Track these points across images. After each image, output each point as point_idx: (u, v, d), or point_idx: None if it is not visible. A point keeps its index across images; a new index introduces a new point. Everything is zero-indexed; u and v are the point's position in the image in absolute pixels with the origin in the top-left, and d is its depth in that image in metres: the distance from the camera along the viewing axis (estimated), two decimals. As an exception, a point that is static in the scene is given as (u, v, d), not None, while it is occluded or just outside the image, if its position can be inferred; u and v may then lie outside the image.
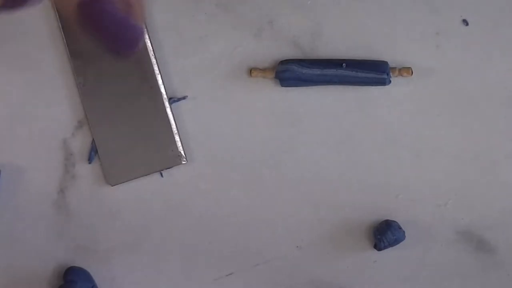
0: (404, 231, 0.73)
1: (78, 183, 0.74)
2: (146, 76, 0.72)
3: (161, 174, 0.74)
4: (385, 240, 0.72)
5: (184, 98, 0.73)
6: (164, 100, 0.72)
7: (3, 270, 0.74)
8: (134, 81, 0.72)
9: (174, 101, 0.73)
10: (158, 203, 0.74)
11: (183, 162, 0.73)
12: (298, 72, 0.71)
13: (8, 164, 0.73)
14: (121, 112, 0.72)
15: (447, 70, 0.73)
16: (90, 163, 0.73)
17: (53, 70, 0.73)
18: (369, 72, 0.71)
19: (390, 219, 0.73)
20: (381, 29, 0.72)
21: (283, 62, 0.72)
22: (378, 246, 0.72)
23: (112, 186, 0.73)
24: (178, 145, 0.73)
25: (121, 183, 0.73)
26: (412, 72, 0.71)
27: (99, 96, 0.72)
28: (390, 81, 0.71)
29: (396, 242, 0.72)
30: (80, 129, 0.73)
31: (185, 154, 0.73)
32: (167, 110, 0.72)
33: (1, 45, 0.73)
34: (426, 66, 0.73)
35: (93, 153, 0.73)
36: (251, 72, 0.72)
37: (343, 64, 0.71)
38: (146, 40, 0.72)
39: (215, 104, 0.73)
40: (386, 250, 0.73)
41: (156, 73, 0.72)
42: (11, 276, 0.74)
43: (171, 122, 0.72)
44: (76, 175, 0.74)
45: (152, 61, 0.72)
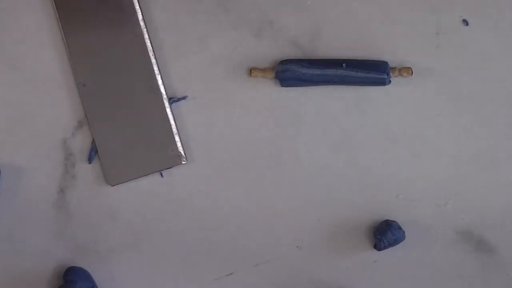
0: (404, 231, 0.73)
1: (78, 183, 0.74)
2: (146, 76, 0.72)
3: (161, 174, 0.74)
4: (385, 240, 0.72)
5: (184, 98, 0.73)
6: (164, 100, 0.72)
7: (3, 270, 0.74)
8: (134, 81, 0.72)
9: (174, 101, 0.73)
10: (158, 203, 0.74)
11: (183, 162, 0.73)
12: (298, 72, 0.71)
13: (8, 164, 0.73)
14: (121, 112, 0.72)
15: (447, 70, 0.73)
16: (90, 163, 0.73)
17: (53, 70, 0.73)
18: (369, 72, 0.71)
19: (390, 219, 0.73)
20: (381, 29, 0.72)
21: (283, 62, 0.72)
22: (378, 246, 0.72)
23: (112, 186, 0.73)
24: (178, 145, 0.73)
25: (121, 183, 0.73)
26: (412, 72, 0.71)
27: (99, 96, 0.72)
28: (390, 81, 0.71)
29: (396, 242, 0.72)
30: (80, 129, 0.73)
31: (185, 154, 0.73)
32: (167, 110, 0.72)
33: (1, 45, 0.73)
34: (426, 66, 0.73)
35: (93, 153, 0.73)
36: (251, 72, 0.72)
37: (343, 64, 0.71)
38: (146, 40, 0.72)
39: (215, 104, 0.73)
40: (386, 250, 0.73)
41: (156, 73, 0.72)
42: (11, 276, 0.74)
43: (171, 122, 0.72)
44: (76, 175, 0.74)
45: (152, 61, 0.72)
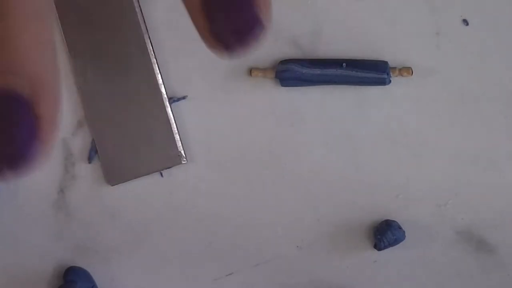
0: (404, 231, 0.73)
1: (78, 183, 0.74)
2: (146, 76, 0.72)
3: (161, 174, 0.74)
4: (385, 240, 0.72)
5: (184, 98, 0.73)
6: (164, 100, 0.72)
7: (3, 270, 0.74)
8: (134, 81, 0.72)
9: (174, 101, 0.73)
10: (158, 203, 0.74)
11: (183, 162, 0.73)
12: (298, 72, 0.71)
13: (8, 164, 0.73)
14: (121, 112, 0.72)
15: (447, 70, 0.73)
16: (90, 163, 0.73)
17: (53, 70, 0.73)
18: (369, 72, 0.71)
19: (390, 219, 0.73)
20: (381, 29, 0.72)
21: (283, 62, 0.72)
22: (378, 246, 0.72)
23: (112, 186, 0.73)
24: (178, 145, 0.73)
25: (121, 183, 0.73)
26: (412, 72, 0.71)
27: (99, 96, 0.72)
28: (390, 81, 0.71)
29: (396, 242, 0.72)
30: (80, 129, 0.73)
31: (185, 154, 0.73)
32: (167, 110, 0.72)
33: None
34: (426, 66, 0.73)
35: (93, 153, 0.73)
36: (251, 72, 0.72)
37: (343, 64, 0.71)
38: (146, 40, 0.72)
39: (215, 104, 0.73)
40: (386, 250, 0.73)
41: (156, 73, 0.72)
42: (11, 276, 0.74)
43: (171, 122, 0.72)
44: (76, 175, 0.74)
45: (152, 61, 0.72)
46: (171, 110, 0.73)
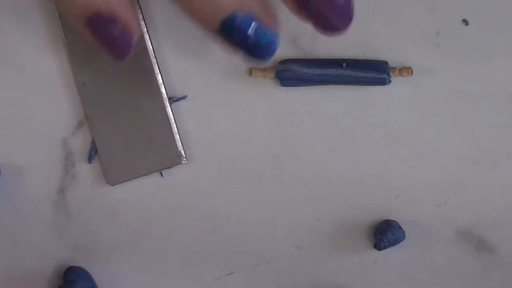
0: (404, 231, 0.73)
1: (78, 183, 0.74)
2: (146, 76, 0.72)
3: (161, 174, 0.74)
4: (385, 240, 0.72)
5: (184, 98, 0.73)
6: (164, 100, 0.72)
7: (3, 270, 0.74)
8: (134, 81, 0.72)
9: (174, 101, 0.73)
10: (158, 203, 0.74)
11: (183, 162, 0.73)
12: (298, 72, 0.71)
13: (8, 164, 0.73)
14: (121, 112, 0.72)
15: (447, 70, 0.73)
16: (90, 163, 0.73)
17: (53, 70, 0.73)
18: (369, 72, 0.71)
19: (390, 219, 0.73)
20: (381, 29, 0.72)
21: (283, 62, 0.72)
22: (378, 246, 0.72)
23: (112, 186, 0.73)
24: (178, 145, 0.73)
25: (121, 183, 0.73)
26: (412, 72, 0.71)
27: (99, 96, 0.72)
28: (390, 81, 0.71)
29: (396, 242, 0.72)
30: (80, 129, 0.73)
31: (185, 154, 0.73)
32: (167, 110, 0.72)
33: (1, 45, 0.73)
34: (426, 66, 0.73)
35: (93, 153, 0.73)
36: (251, 72, 0.72)
37: (343, 64, 0.71)
38: (145, 40, 0.72)
39: (215, 104, 0.73)
40: (386, 250, 0.73)
41: (156, 73, 0.72)
42: (11, 276, 0.74)
43: (171, 122, 0.72)
44: (76, 175, 0.74)
45: (152, 61, 0.72)
46: (171, 110, 0.73)
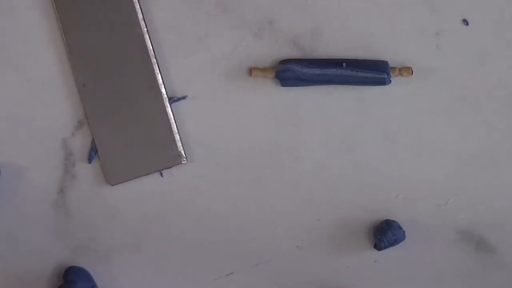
0: (404, 231, 0.73)
1: (78, 183, 0.74)
2: (146, 76, 0.72)
3: (161, 174, 0.74)
4: (385, 240, 0.72)
5: (184, 98, 0.73)
6: (164, 100, 0.72)
7: (3, 270, 0.74)
8: (134, 81, 0.72)
9: (174, 101, 0.73)
10: (158, 203, 0.74)
11: (183, 162, 0.73)
12: (298, 72, 0.71)
13: (8, 164, 0.73)
14: (121, 112, 0.72)
15: (447, 70, 0.73)
16: (90, 163, 0.73)
17: (53, 70, 0.73)
18: (369, 72, 0.71)
19: (390, 219, 0.73)
20: (381, 29, 0.72)
21: (283, 62, 0.72)
22: (378, 246, 0.72)
23: (112, 186, 0.73)
24: (178, 145, 0.73)
25: (121, 183, 0.73)
26: (412, 72, 0.71)
27: (99, 96, 0.72)
28: (390, 81, 0.71)
29: (396, 242, 0.72)
30: (80, 129, 0.73)
31: (185, 154, 0.73)
32: (167, 110, 0.72)
33: (1, 45, 0.73)
34: (426, 66, 0.73)
35: (93, 153, 0.73)
36: (251, 72, 0.72)
37: (343, 64, 0.71)
38: (146, 40, 0.72)
39: (215, 104, 0.73)
40: (386, 250, 0.73)
41: (156, 73, 0.72)
42: (11, 276, 0.74)
43: (171, 122, 0.72)
44: (76, 175, 0.74)
45: (152, 61, 0.72)
46: (171, 110, 0.73)
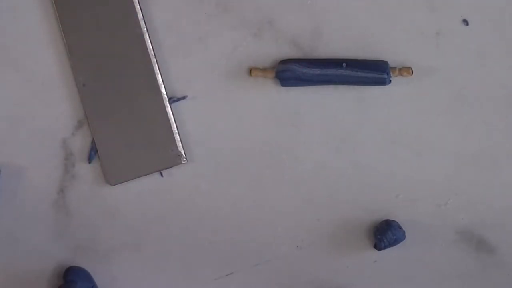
0: (404, 231, 0.73)
1: (78, 183, 0.74)
2: (146, 76, 0.72)
3: (161, 174, 0.74)
4: (385, 240, 0.72)
5: (184, 98, 0.73)
6: (164, 100, 0.72)
7: (3, 270, 0.74)
8: (134, 81, 0.72)
9: (174, 101, 0.73)
10: (158, 203, 0.74)
11: (183, 162, 0.73)
12: (298, 72, 0.71)
13: (8, 164, 0.73)
14: (121, 112, 0.72)
15: (447, 70, 0.73)
16: (90, 163, 0.73)
17: (53, 70, 0.73)
18: (369, 72, 0.71)
19: (390, 219, 0.73)
20: (381, 29, 0.72)
21: (283, 62, 0.72)
22: (378, 246, 0.72)
23: (112, 186, 0.73)
24: (178, 145, 0.73)
25: (121, 183, 0.73)
26: (412, 72, 0.71)
27: (99, 96, 0.72)
28: (390, 81, 0.71)
29: (396, 242, 0.72)
30: (80, 129, 0.73)
31: (185, 154, 0.73)
32: (167, 110, 0.72)
33: (1, 45, 0.73)
34: (426, 66, 0.73)
35: (93, 153, 0.73)
36: (251, 72, 0.72)
37: (343, 64, 0.71)
38: (145, 40, 0.72)
39: (215, 104, 0.73)
40: (386, 250, 0.73)
41: (156, 73, 0.72)
42: (11, 276, 0.74)
43: (171, 122, 0.72)
44: (76, 175, 0.74)
45: (152, 61, 0.72)
46: (171, 110, 0.73)
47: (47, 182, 0.74)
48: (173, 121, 0.73)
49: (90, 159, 0.73)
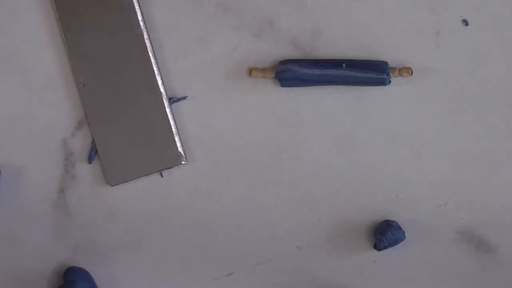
0: (404, 231, 0.73)
1: (78, 183, 0.74)
2: (146, 76, 0.72)
3: (161, 174, 0.74)
4: (385, 240, 0.72)
5: (184, 98, 0.73)
6: (164, 100, 0.72)
7: (3, 270, 0.74)
8: (134, 81, 0.72)
9: (174, 101, 0.73)
10: (158, 203, 0.74)
11: (183, 162, 0.73)
12: (298, 72, 0.71)
13: (8, 164, 0.73)
14: (121, 112, 0.72)
15: (447, 70, 0.73)
16: (90, 163, 0.73)
17: (53, 70, 0.73)
18: (369, 72, 0.71)
19: (390, 219, 0.73)
20: (381, 29, 0.72)
21: (283, 62, 0.72)
22: (378, 246, 0.72)
23: (112, 186, 0.73)
24: (178, 145, 0.73)
25: (121, 183, 0.73)
26: (412, 72, 0.71)
27: (99, 96, 0.72)
28: (390, 81, 0.71)
29: (396, 242, 0.72)
30: (80, 129, 0.73)
31: (185, 154, 0.73)
32: (167, 110, 0.72)
33: (1, 45, 0.73)
34: (426, 66, 0.73)
35: (93, 153, 0.73)
36: (251, 72, 0.72)
37: (343, 64, 0.71)
38: (145, 40, 0.72)
39: (215, 104, 0.73)
40: (386, 250, 0.73)
41: (156, 73, 0.72)
42: (11, 276, 0.74)
43: (171, 122, 0.72)
44: (76, 175, 0.74)
45: (152, 61, 0.72)
46: (171, 110, 0.73)
47: (47, 182, 0.74)
48: (173, 121, 0.73)
49: (90, 159, 0.73)
